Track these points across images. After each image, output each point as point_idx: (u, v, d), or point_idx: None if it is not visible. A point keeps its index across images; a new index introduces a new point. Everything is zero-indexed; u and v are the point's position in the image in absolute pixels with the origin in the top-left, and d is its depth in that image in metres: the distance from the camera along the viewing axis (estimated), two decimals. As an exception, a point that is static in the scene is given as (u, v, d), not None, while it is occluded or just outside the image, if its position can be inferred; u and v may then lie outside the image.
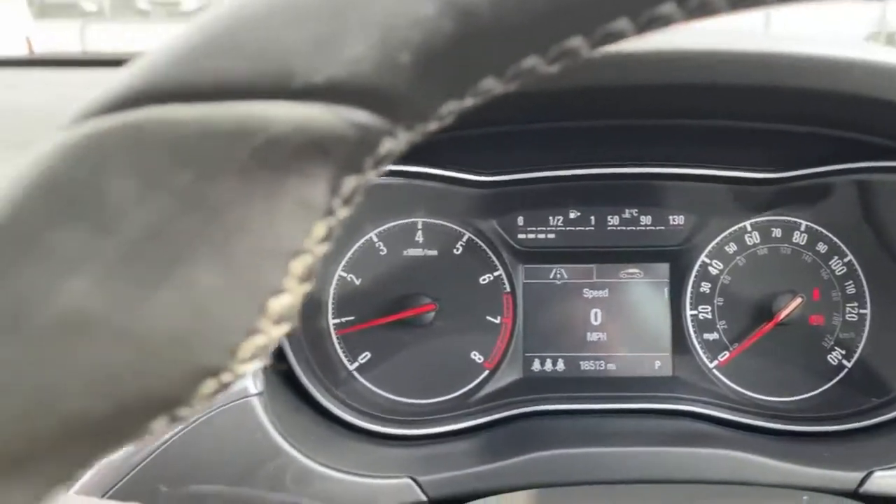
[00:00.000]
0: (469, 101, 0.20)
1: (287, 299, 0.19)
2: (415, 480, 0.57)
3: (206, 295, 0.18)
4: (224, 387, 0.19)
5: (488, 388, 0.72)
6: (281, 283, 0.19)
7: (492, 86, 0.20)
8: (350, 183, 0.19)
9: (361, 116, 0.18)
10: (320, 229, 0.19)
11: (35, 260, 0.16)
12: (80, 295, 0.17)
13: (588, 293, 0.74)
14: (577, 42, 0.19)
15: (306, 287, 0.20)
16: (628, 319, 0.74)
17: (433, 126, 0.20)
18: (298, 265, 0.19)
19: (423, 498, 0.57)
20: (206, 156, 0.17)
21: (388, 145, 0.20)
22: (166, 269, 0.17)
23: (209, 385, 0.19)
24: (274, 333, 0.20)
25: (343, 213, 0.20)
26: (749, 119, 0.59)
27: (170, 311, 0.17)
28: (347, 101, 0.18)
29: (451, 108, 0.20)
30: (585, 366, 0.74)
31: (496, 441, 0.65)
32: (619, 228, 0.73)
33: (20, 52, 0.99)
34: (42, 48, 1.06)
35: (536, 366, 0.74)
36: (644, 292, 0.74)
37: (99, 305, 0.17)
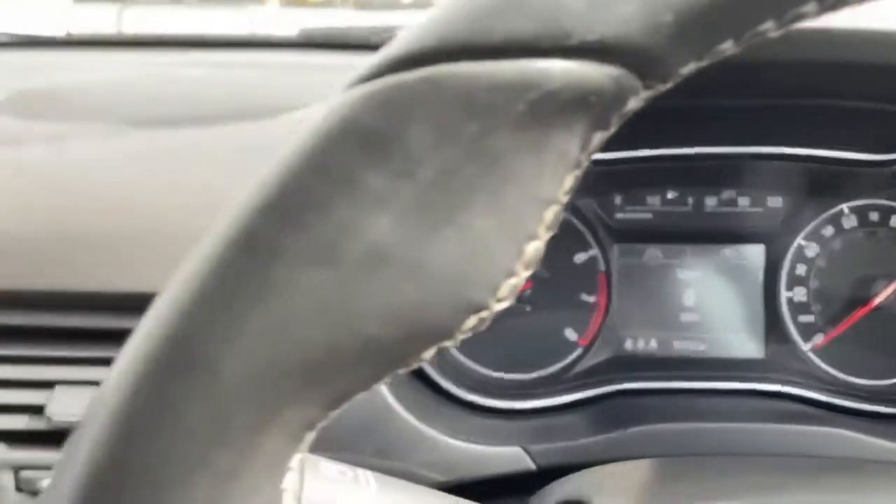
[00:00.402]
0: (703, 64, 0.22)
1: (537, 245, 0.21)
2: (525, 450, 0.59)
3: (478, 238, 0.20)
4: (481, 323, 0.21)
5: (582, 366, 0.73)
6: (536, 230, 0.20)
7: (728, 48, 0.21)
8: (597, 138, 0.21)
9: (620, 74, 0.20)
10: (569, 181, 0.21)
11: (349, 198, 0.18)
12: (383, 232, 0.18)
13: (682, 274, 0.75)
14: (810, 7, 0.21)
15: (549, 235, 0.21)
16: (722, 301, 0.75)
17: (667, 87, 0.22)
18: (550, 214, 0.21)
19: (532, 466, 0.59)
20: (491, 109, 0.19)
21: (632, 104, 0.21)
22: (451, 212, 0.19)
23: (471, 321, 0.20)
24: (523, 276, 0.21)
25: (584, 166, 0.21)
26: (860, 98, 0.59)
27: (450, 250, 0.19)
28: (612, 59, 0.19)
29: (688, 70, 0.21)
30: (678, 346, 0.75)
31: (598, 415, 0.66)
32: (716, 210, 0.74)
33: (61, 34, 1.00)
34: (81, 31, 1.08)
35: (629, 345, 0.75)
36: (739, 274, 0.74)
37: (397, 242, 0.19)
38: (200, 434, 0.18)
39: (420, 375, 0.68)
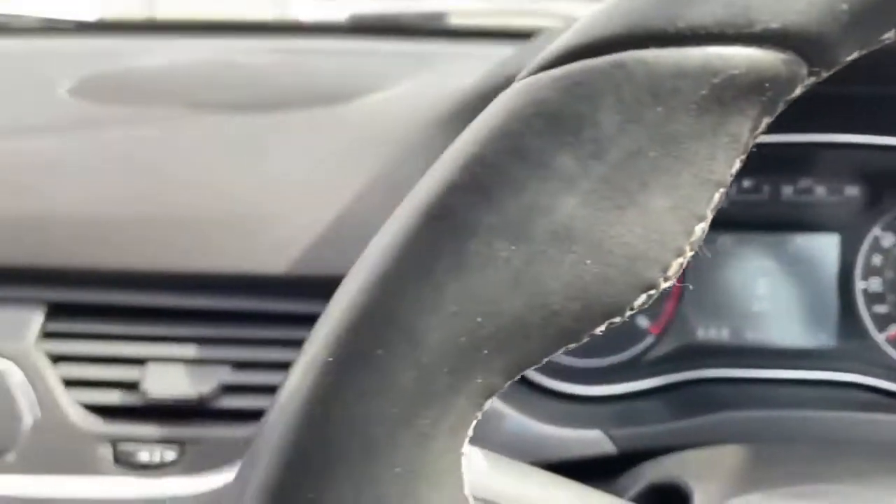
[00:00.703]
0: (864, 52, 0.22)
1: (704, 227, 0.22)
2: (605, 433, 0.59)
3: (654, 218, 0.20)
4: (648, 300, 0.22)
5: (654, 353, 0.74)
6: (705, 211, 0.21)
7: (890, 38, 0.22)
8: (764, 123, 0.22)
9: (794, 61, 0.20)
10: (737, 165, 0.22)
11: (542, 178, 0.19)
12: (571, 211, 0.19)
13: (755, 262, 0.74)
14: None
15: (711, 217, 0.22)
16: (795, 290, 0.74)
17: (828, 75, 0.22)
18: (717, 196, 0.22)
19: (613, 450, 0.59)
20: (676, 93, 0.19)
21: (798, 90, 0.22)
22: (632, 192, 0.20)
23: (641, 298, 0.21)
24: (687, 257, 0.22)
25: (749, 150, 0.22)
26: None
27: (630, 229, 0.20)
28: (790, 46, 0.20)
29: (851, 58, 0.22)
30: (750, 335, 0.75)
31: (675, 402, 0.67)
32: (792, 198, 0.74)
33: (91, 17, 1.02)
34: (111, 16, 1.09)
35: (701, 333, 0.75)
36: (813, 263, 0.74)
37: (583, 221, 0.19)
38: (405, 396, 0.19)
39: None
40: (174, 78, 0.84)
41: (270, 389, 0.61)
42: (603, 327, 0.22)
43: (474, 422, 0.21)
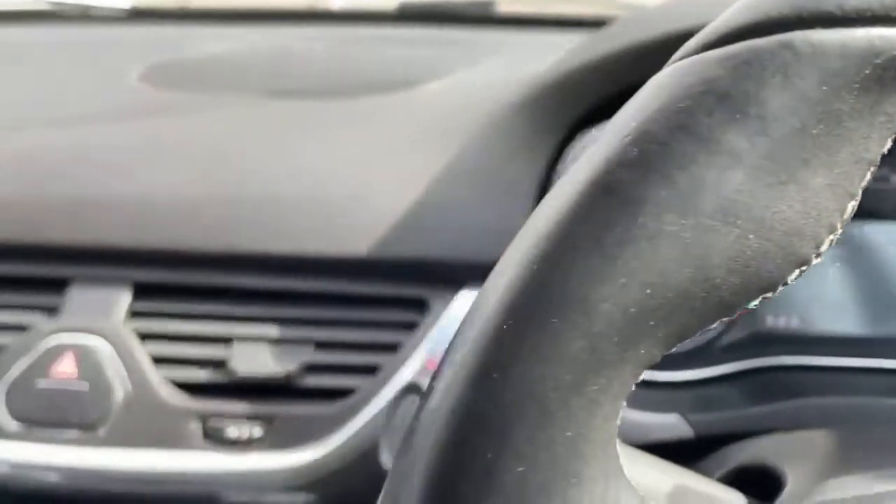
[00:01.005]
0: None
1: (854, 205, 0.22)
2: (684, 418, 0.60)
3: (812, 195, 0.21)
4: (799, 276, 0.22)
5: (725, 340, 0.74)
6: (858, 189, 0.22)
7: None
8: None
9: None
10: (889, 144, 0.22)
11: (710, 154, 0.20)
12: (737, 186, 0.20)
13: (827, 251, 0.74)
14: None
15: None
16: (867, 278, 0.74)
17: None
18: (868, 174, 0.22)
19: (690, 434, 0.60)
20: (840, 73, 0.20)
21: None
22: (794, 169, 0.21)
23: (794, 274, 0.22)
24: (838, 234, 0.23)
25: None
26: None
27: (790, 205, 0.21)
28: None
29: None
30: (821, 323, 0.74)
31: (750, 388, 0.67)
32: (867, 186, 0.73)
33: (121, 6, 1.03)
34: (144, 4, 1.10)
35: (770, 321, 0.75)
36: (885, 251, 0.74)
37: (748, 196, 0.20)
38: (577, 363, 0.20)
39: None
40: (239, 64, 0.85)
41: (351, 369, 0.63)
42: (757, 301, 0.22)
43: (629, 391, 0.22)
